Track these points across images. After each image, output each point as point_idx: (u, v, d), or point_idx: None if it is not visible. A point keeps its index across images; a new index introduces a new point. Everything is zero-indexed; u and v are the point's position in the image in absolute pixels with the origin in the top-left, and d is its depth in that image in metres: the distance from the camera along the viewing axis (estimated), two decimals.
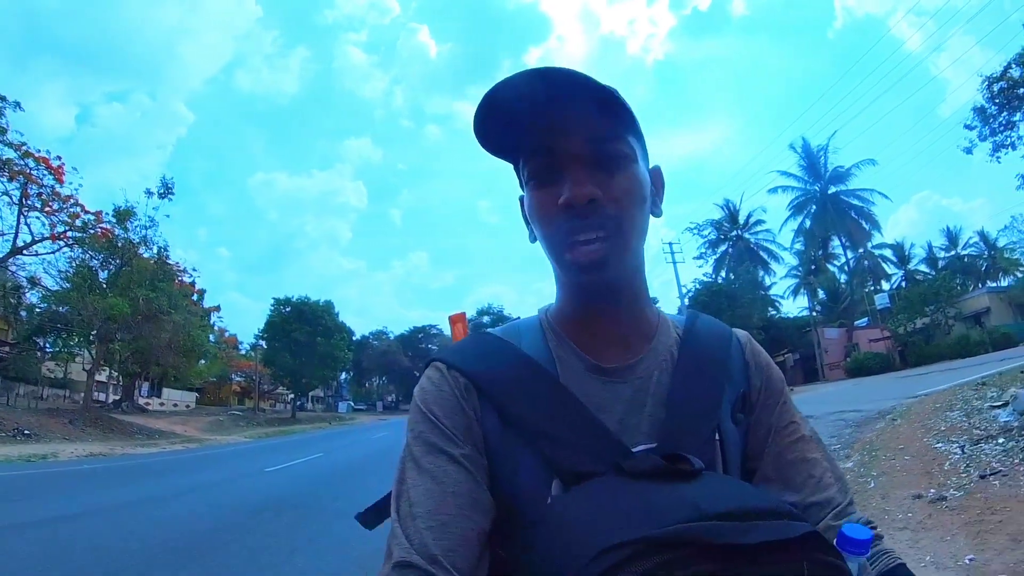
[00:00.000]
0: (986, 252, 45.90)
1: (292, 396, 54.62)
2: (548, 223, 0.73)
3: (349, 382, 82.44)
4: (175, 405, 47.13)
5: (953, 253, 47.68)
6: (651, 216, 0.80)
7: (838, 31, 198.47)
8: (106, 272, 27.14)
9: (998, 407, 7.27)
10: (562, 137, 0.71)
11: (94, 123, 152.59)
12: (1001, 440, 5.82)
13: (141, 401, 40.66)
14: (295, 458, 16.08)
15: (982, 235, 46.29)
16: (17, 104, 22.72)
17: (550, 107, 0.70)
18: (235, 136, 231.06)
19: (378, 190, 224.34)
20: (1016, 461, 5.07)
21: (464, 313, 1.65)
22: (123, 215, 26.29)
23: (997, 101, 20.73)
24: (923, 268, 47.85)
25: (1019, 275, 37.91)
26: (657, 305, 0.90)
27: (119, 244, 26.23)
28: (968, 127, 22.24)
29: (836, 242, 40.77)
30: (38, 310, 27.24)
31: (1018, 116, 19.85)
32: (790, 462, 0.80)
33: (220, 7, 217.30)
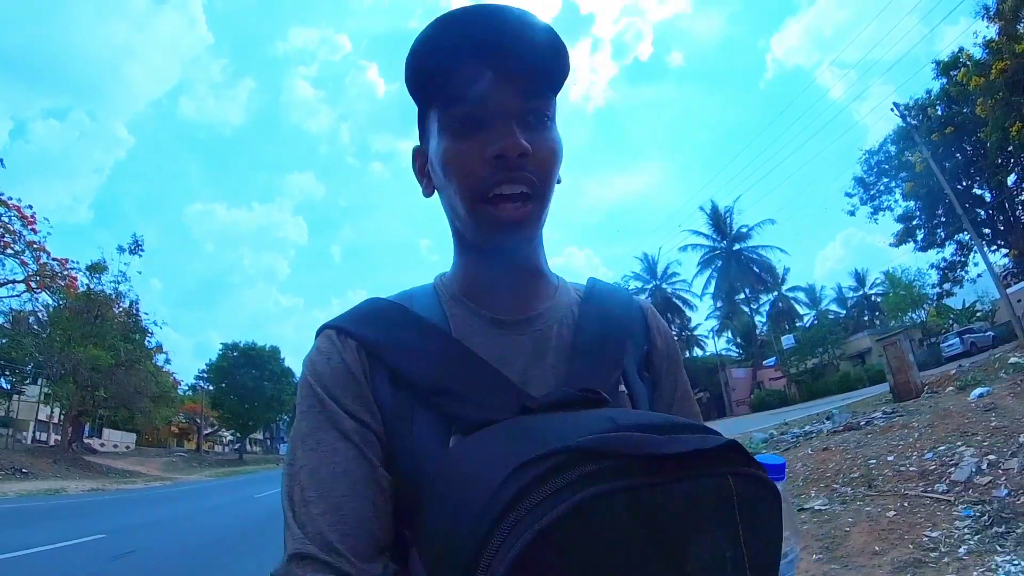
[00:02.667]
0: (891, 291, 51.42)
1: (237, 438, 56.70)
2: (468, 174, 0.68)
3: (288, 424, 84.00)
4: (115, 446, 48.59)
5: (861, 293, 52.70)
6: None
7: (768, 81, 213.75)
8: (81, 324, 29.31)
9: (826, 421, 11.49)
10: (496, 88, 0.68)
11: (28, 139, 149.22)
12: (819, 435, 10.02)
13: (88, 442, 42.29)
14: (270, 490, 19.64)
15: (887, 275, 51.66)
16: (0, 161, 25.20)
17: (492, 56, 0.67)
18: (175, 163, 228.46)
19: (319, 226, 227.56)
20: (823, 446, 8.40)
21: None
22: (96, 269, 29.11)
23: (875, 171, 26.58)
24: (834, 307, 52.81)
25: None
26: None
27: (93, 297, 28.87)
28: (848, 195, 28.21)
29: (741, 295, 46.26)
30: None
31: (893, 184, 25.65)
32: None
33: (170, 30, 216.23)
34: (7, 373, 31.41)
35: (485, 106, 0.68)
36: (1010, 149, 20.63)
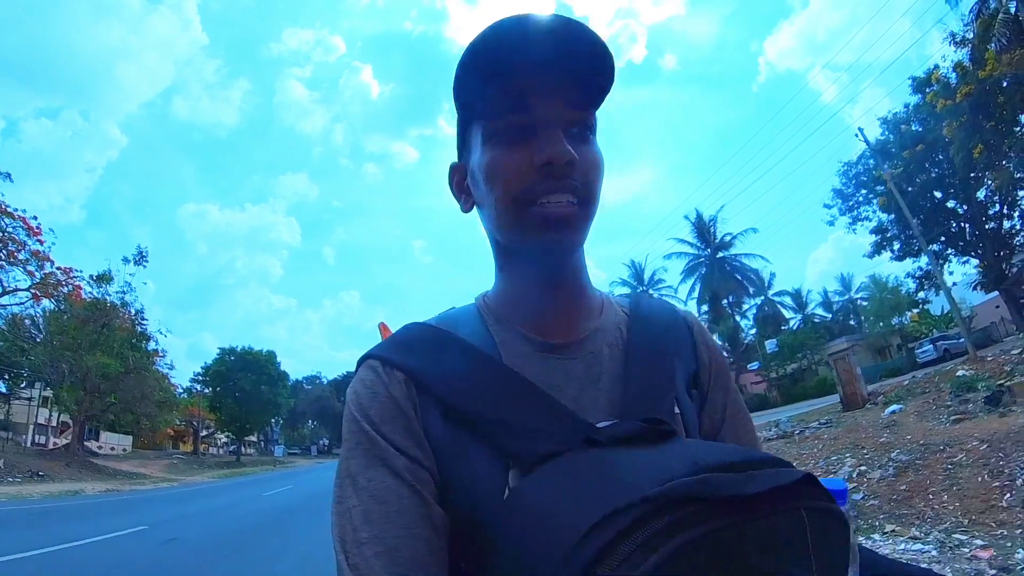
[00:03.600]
0: (877, 295, 52.53)
1: (231, 441, 58.08)
2: (515, 183, 0.68)
3: (282, 426, 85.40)
4: (112, 449, 49.71)
5: (847, 297, 53.44)
6: None
7: (761, 84, 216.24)
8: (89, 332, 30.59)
9: (772, 429, 12.78)
10: (543, 98, 0.68)
11: (20, 139, 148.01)
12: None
13: (87, 445, 43.47)
14: (276, 488, 20.99)
15: (873, 279, 52.87)
16: (8, 175, 26.01)
17: (542, 65, 0.67)
18: (168, 164, 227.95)
19: (312, 227, 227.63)
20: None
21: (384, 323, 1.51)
22: (102, 279, 30.45)
23: (853, 183, 27.90)
24: (820, 311, 53.96)
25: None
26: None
27: (100, 306, 30.17)
28: (827, 206, 29.59)
29: (724, 301, 47.56)
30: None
31: (871, 195, 26.89)
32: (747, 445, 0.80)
33: (164, 31, 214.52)
34: (5, 377, 32.54)
35: (533, 115, 0.68)
36: (973, 173, 22.01)
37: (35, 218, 27.54)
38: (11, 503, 15.32)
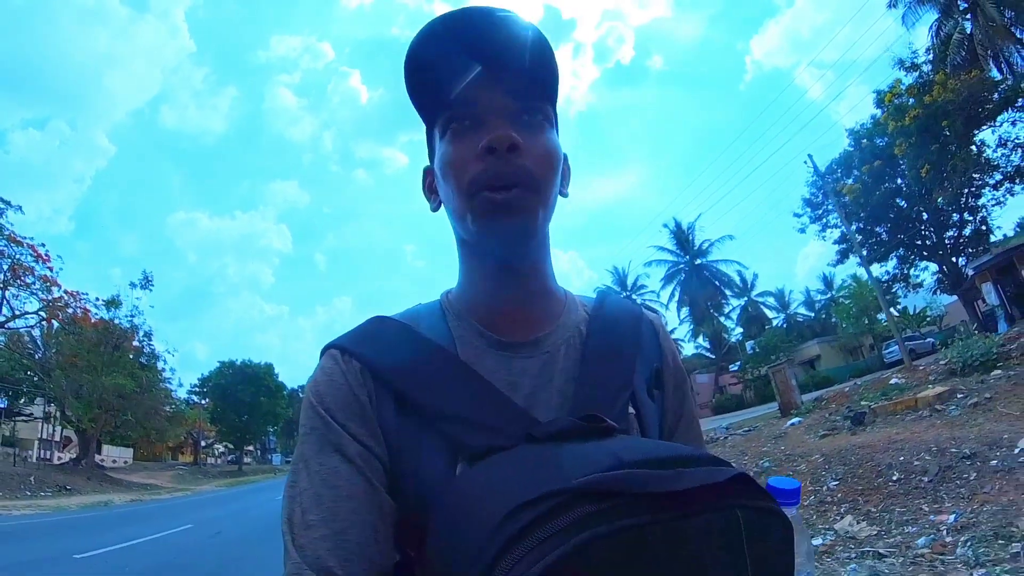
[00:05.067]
0: (857, 292, 53.61)
1: (230, 450, 60.88)
2: (461, 171, 0.71)
3: (278, 435, 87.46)
4: (114, 461, 51.75)
5: (829, 296, 54.32)
6: (559, 196, 0.79)
7: (748, 83, 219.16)
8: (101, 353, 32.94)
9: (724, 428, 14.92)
10: (487, 90, 0.71)
11: (7, 149, 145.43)
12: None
13: (96, 459, 45.70)
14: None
15: (854, 277, 54.11)
16: (19, 208, 28.02)
17: (481, 58, 0.70)
18: (157, 172, 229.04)
19: (303, 234, 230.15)
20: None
21: None
22: (111, 304, 32.82)
23: (820, 192, 29.80)
24: (803, 311, 55.87)
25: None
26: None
27: (112, 330, 32.57)
28: (797, 215, 31.54)
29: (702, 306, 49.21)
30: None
31: (833, 205, 28.72)
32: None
33: (152, 39, 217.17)
34: (9, 393, 34.59)
35: (478, 106, 0.71)
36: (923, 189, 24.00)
37: (43, 245, 29.58)
38: (56, 514, 17.38)
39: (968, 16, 21.96)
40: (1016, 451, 6.31)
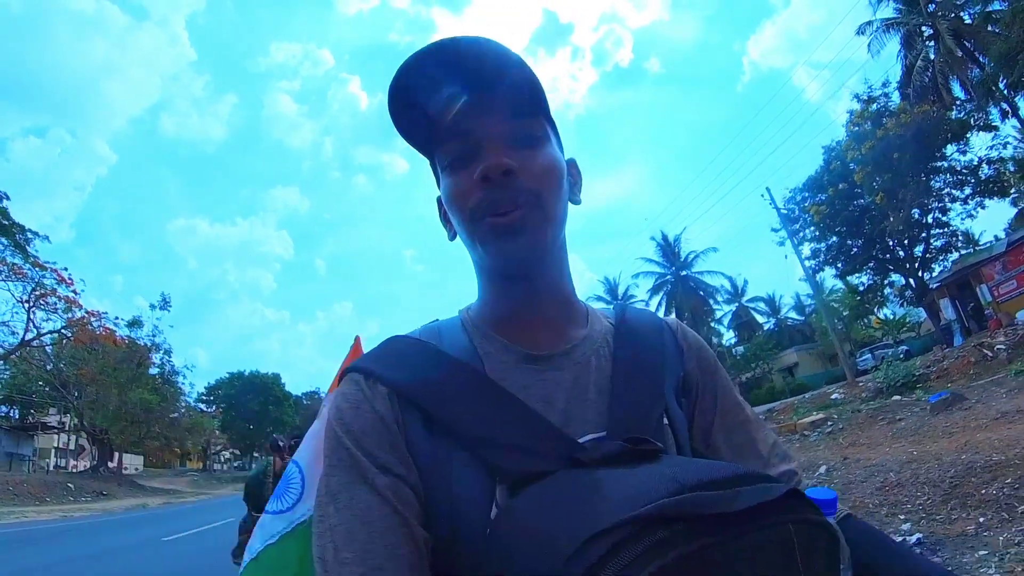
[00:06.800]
0: (841, 298, 53.02)
1: (238, 457, 64.93)
2: (464, 201, 0.72)
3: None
4: (125, 468, 54.78)
5: (822, 297, 56.81)
6: (571, 204, 0.81)
7: (746, 84, 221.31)
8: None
9: None
10: (477, 119, 0.72)
11: (8, 158, 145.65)
12: None
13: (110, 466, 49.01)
14: None
15: (846, 283, 54.41)
16: (46, 237, 30.69)
17: (465, 87, 0.71)
18: (157, 179, 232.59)
19: (303, 239, 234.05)
20: None
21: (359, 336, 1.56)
22: (133, 324, 36.07)
23: (799, 208, 31.83)
24: (793, 315, 57.42)
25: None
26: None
27: (135, 348, 35.84)
28: (775, 230, 33.64)
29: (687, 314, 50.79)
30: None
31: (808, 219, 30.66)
32: (741, 444, 0.83)
33: (151, 47, 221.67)
34: (26, 406, 38.10)
35: (472, 136, 0.72)
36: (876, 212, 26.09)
37: (65, 269, 32.14)
38: (107, 515, 20.31)
39: (931, 43, 23.98)
40: (816, 474, 8.06)
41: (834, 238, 30.19)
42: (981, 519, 5.07)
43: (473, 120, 0.72)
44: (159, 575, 9.53)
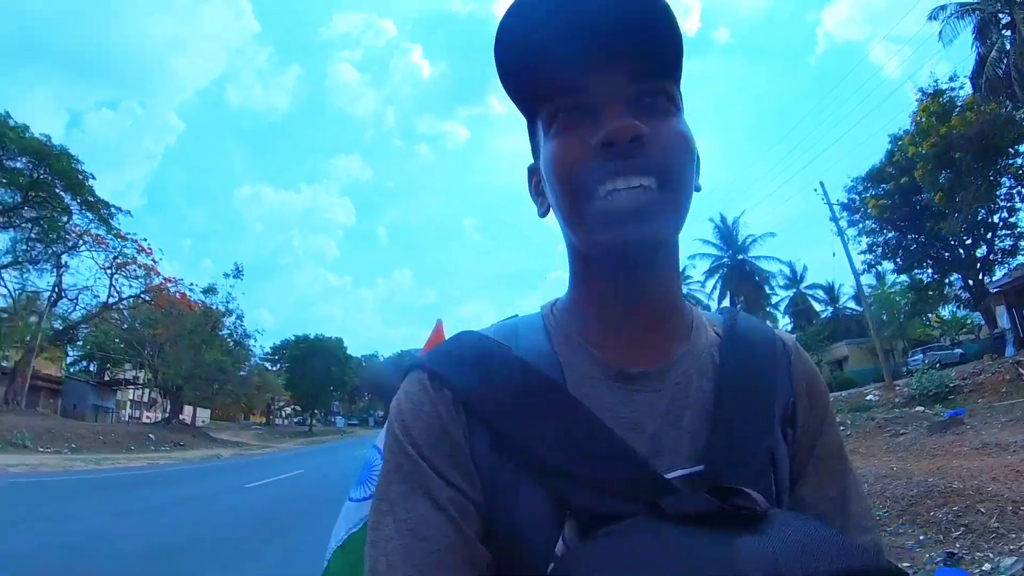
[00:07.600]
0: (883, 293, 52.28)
1: (298, 413, 69.91)
2: (576, 171, 0.60)
3: (341, 400, 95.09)
4: (191, 421, 59.62)
5: (880, 291, 52.19)
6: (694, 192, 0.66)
7: (819, 56, 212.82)
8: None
9: None
10: (598, 71, 0.60)
11: (84, 130, 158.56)
12: None
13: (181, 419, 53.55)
14: (360, 450, 28.52)
15: (911, 277, 52.43)
16: (128, 212, 32.79)
17: (589, 34, 0.59)
18: (223, 148, 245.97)
19: (365, 207, 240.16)
20: None
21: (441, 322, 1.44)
22: (209, 291, 39.12)
23: (860, 200, 31.38)
24: (851, 305, 54.03)
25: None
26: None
27: (210, 313, 39.03)
28: (833, 219, 33.17)
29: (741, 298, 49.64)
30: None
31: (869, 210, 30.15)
32: (833, 498, 0.72)
33: (217, 20, 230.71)
34: (109, 366, 42.21)
35: (590, 92, 0.61)
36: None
37: (145, 239, 34.46)
38: (186, 464, 22.56)
39: (1007, 31, 22.47)
40: None
41: (893, 232, 29.95)
42: (921, 537, 5.64)
43: (595, 73, 0.61)
44: (256, 511, 11.00)
